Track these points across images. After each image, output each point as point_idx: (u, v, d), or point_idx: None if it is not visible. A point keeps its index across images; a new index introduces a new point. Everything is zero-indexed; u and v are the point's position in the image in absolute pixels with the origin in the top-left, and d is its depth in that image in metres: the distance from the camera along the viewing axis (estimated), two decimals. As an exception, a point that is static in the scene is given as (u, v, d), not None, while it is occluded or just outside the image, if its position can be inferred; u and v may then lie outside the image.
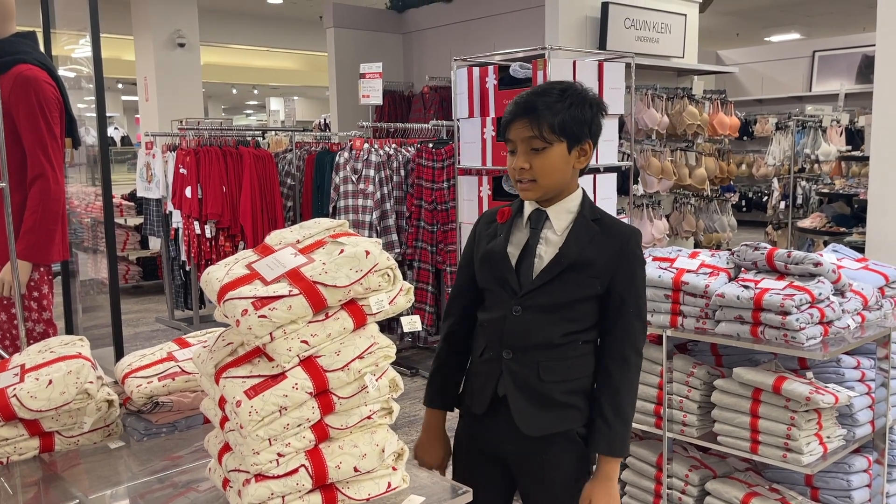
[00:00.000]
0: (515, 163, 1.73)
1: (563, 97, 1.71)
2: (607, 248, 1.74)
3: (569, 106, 1.70)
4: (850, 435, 2.57)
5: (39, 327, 2.86)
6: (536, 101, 1.70)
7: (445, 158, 4.99)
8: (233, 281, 1.39)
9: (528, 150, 1.71)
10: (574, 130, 1.72)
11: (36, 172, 2.74)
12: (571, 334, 1.75)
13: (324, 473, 1.37)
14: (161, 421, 1.77)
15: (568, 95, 1.71)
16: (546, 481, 1.79)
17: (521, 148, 1.73)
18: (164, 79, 8.81)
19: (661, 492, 2.83)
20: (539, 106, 1.69)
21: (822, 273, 2.51)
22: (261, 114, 21.30)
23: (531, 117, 1.70)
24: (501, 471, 1.84)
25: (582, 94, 1.74)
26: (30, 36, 2.90)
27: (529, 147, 1.71)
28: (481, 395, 1.81)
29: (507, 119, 1.74)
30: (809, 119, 8.80)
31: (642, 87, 5.40)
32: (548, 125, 1.69)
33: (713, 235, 6.15)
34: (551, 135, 1.69)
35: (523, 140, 1.71)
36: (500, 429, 1.79)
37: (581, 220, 1.77)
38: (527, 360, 1.75)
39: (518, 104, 1.73)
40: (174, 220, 6.00)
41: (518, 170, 1.73)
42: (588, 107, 1.73)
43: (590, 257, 1.72)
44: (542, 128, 1.69)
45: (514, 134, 1.73)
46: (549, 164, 1.72)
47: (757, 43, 13.60)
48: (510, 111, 1.74)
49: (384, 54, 8.08)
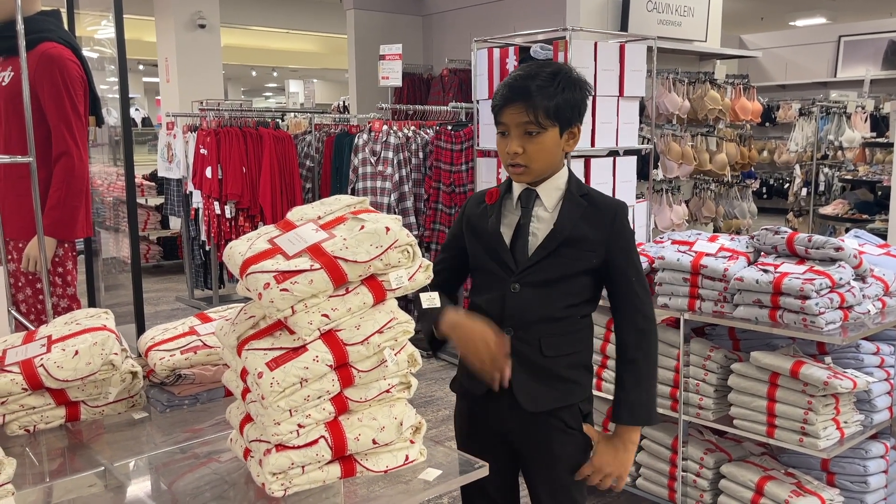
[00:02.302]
0: (509, 147, 1.73)
1: (554, 80, 1.70)
2: (598, 222, 1.76)
3: (561, 90, 1.70)
4: (867, 420, 2.56)
5: (64, 302, 2.91)
6: (530, 85, 1.69)
7: (464, 141, 4.99)
8: (255, 255, 1.41)
9: (522, 135, 1.72)
10: (567, 115, 1.72)
11: (60, 150, 2.77)
12: (571, 307, 1.79)
13: (343, 445, 1.39)
14: (183, 393, 1.81)
15: (560, 79, 1.71)
16: (548, 457, 1.82)
17: (514, 132, 1.72)
18: (185, 60, 8.84)
19: (675, 474, 2.84)
20: (533, 90, 1.68)
21: (844, 258, 2.49)
22: (280, 96, 21.35)
23: (526, 102, 1.69)
24: (505, 449, 1.86)
25: (571, 76, 1.74)
26: (54, 14, 2.93)
27: (523, 131, 1.71)
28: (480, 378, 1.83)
29: (500, 103, 1.73)
30: (834, 105, 8.68)
31: (664, 70, 5.35)
32: (543, 110, 1.69)
33: (733, 222, 6.10)
34: (546, 120, 1.70)
35: (518, 125, 1.71)
36: (501, 407, 1.81)
37: (570, 196, 1.79)
38: (529, 337, 1.77)
39: (512, 88, 1.72)
40: (194, 200, 6.05)
41: (511, 154, 1.73)
42: (578, 89, 1.74)
43: (583, 231, 1.75)
44: (537, 113, 1.69)
45: (507, 118, 1.73)
46: (543, 149, 1.72)
47: (781, 27, 13.40)
48: (503, 95, 1.73)
49: (404, 36, 8.05)
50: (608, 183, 4.07)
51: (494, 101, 1.76)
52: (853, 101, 8.75)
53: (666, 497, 2.90)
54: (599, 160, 4.04)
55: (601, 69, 3.97)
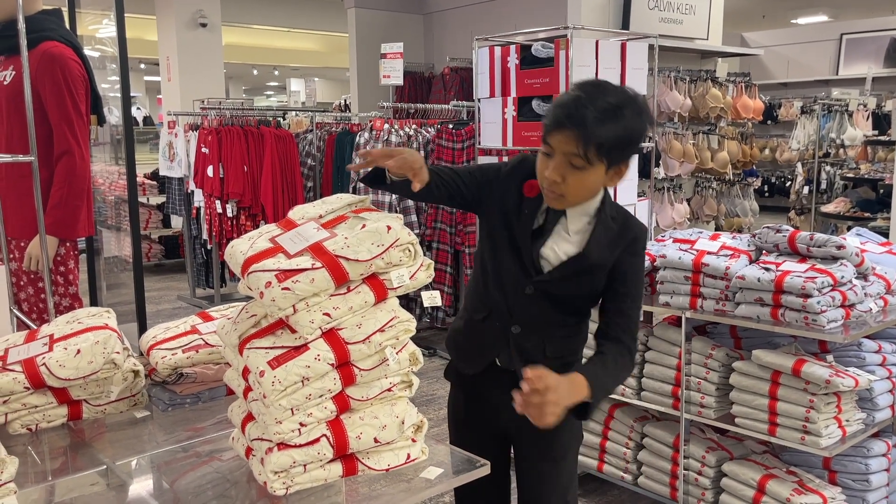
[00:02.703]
0: (549, 173, 1.60)
1: (615, 114, 1.55)
2: (620, 245, 1.71)
3: (622, 126, 1.56)
4: (869, 419, 2.56)
5: (66, 301, 2.91)
6: (587, 114, 1.53)
7: (466, 139, 4.98)
8: (257, 254, 1.41)
9: (566, 164, 1.59)
10: (619, 155, 1.60)
11: (62, 149, 2.77)
12: (580, 314, 1.81)
13: (345, 443, 1.39)
14: (185, 392, 1.81)
15: (624, 113, 1.56)
16: (541, 444, 1.84)
17: (558, 159, 1.59)
18: (186, 59, 8.84)
19: (677, 472, 2.84)
20: (589, 121, 1.53)
21: (845, 256, 2.49)
22: (281, 95, 21.34)
23: (579, 132, 1.54)
24: (497, 435, 1.89)
25: (636, 109, 1.58)
26: (55, 13, 2.92)
27: (568, 161, 1.58)
28: (479, 359, 1.85)
29: (551, 125, 1.59)
30: (835, 103, 8.66)
31: (665, 68, 5.34)
32: (595, 146, 1.55)
33: (734, 220, 6.09)
34: (595, 156, 1.56)
35: (564, 153, 1.58)
36: (497, 398, 1.81)
37: (602, 219, 1.70)
38: (535, 337, 1.77)
39: (567, 112, 1.56)
40: (196, 199, 6.05)
41: (550, 181, 1.62)
42: (639, 127, 1.60)
43: (606, 260, 1.70)
44: (587, 148, 1.55)
45: (555, 142, 1.59)
46: (584, 184, 1.62)
47: (783, 25, 13.37)
48: (556, 116, 1.58)
49: (405, 35, 8.04)
50: (610, 181, 4.07)
51: (546, 119, 1.61)
52: (855, 99, 8.73)
53: (668, 495, 2.90)
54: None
55: (602, 67, 3.96)
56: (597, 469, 3.13)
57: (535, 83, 3.99)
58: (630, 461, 3.03)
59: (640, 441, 3.01)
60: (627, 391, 2.94)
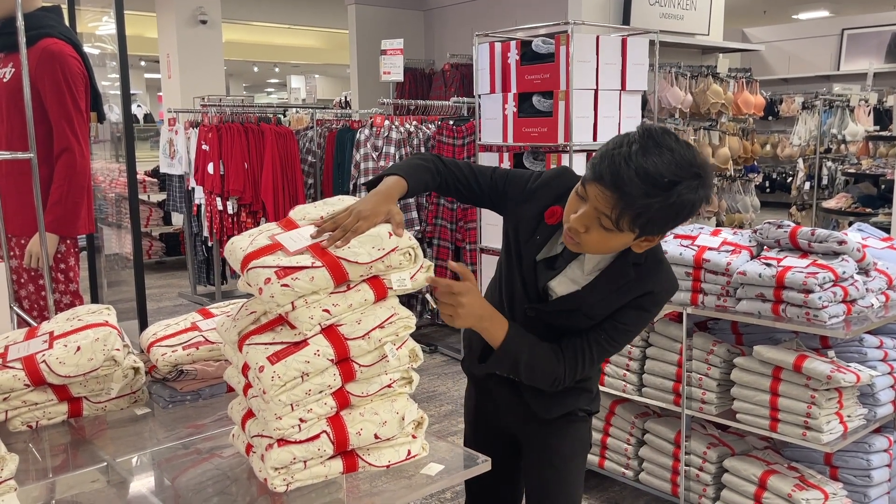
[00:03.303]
0: (575, 220, 1.47)
1: (668, 191, 1.37)
2: (628, 296, 1.58)
3: (669, 205, 1.38)
4: (871, 414, 2.56)
5: (66, 299, 2.91)
6: (633, 183, 1.36)
7: (466, 135, 4.98)
8: (256, 250, 1.41)
9: (595, 219, 1.44)
10: (654, 229, 1.45)
11: (62, 146, 2.77)
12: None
13: (345, 439, 1.39)
14: (185, 389, 1.81)
15: (677, 190, 1.37)
16: (548, 451, 1.82)
17: (588, 211, 1.44)
18: (187, 56, 8.83)
19: (678, 468, 2.84)
20: (636, 193, 1.37)
21: (847, 251, 2.49)
22: (282, 92, 21.32)
23: (618, 198, 1.38)
24: (507, 439, 1.88)
25: (694, 188, 1.39)
26: (54, 10, 2.92)
27: (597, 217, 1.43)
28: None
29: (592, 177, 1.42)
30: (837, 98, 8.64)
31: (666, 64, 5.33)
32: (630, 218, 1.40)
33: (735, 216, 6.08)
34: (627, 226, 1.42)
35: (596, 208, 1.43)
36: (502, 399, 1.81)
37: (620, 263, 1.57)
38: None
39: (613, 170, 1.39)
40: (196, 196, 6.05)
41: (573, 228, 1.48)
42: (686, 211, 1.42)
43: (604, 308, 1.59)
44: (620, 218, 1.40)
45: (591, 193, 1.43)
46: (606, 244, 1.48)
47: (784, 21, 13.34)
48: (600, 169, 1.41)
49: (405, 31, 8.03)
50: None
51: (592, 165, 1.44)
52: (856, 95, 8.72)
53: (669, 491, 2.90)
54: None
55: (603, 63, 3.96)
56: (598, 465, 3.13)
57: (536, 79, 3.99)
58: (631, 457, 3.03)
59: (642, 437, 3.01)
60: (629, 387, 2.94)
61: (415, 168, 1.64)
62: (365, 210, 1.45)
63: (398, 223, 1.46)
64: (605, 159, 1.41)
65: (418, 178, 1.63)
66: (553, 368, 1.61)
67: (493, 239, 4.37)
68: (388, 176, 1.59)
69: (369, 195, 1.53)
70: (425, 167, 1.67)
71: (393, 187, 1.56)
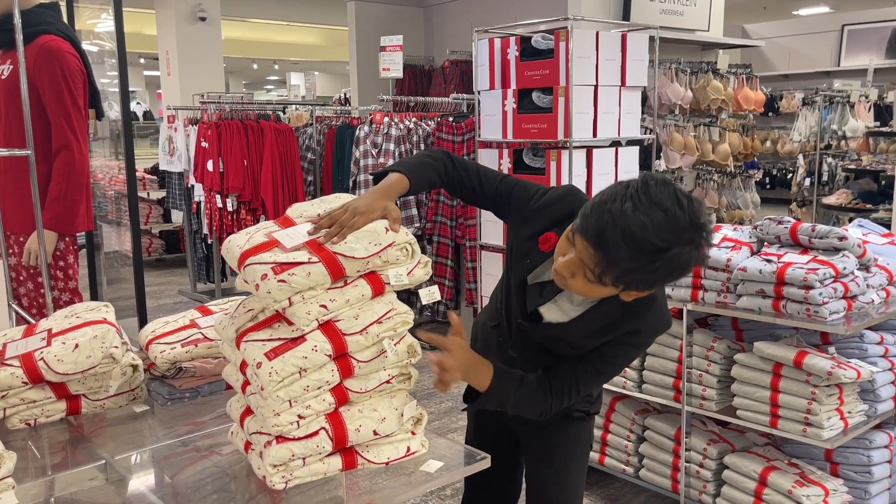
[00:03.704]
0: (560, 266, 1.43)
1: (657, 256, 1.30)
2: (614, 333, 1.56)
3: (654, 272, 1.33)
4: (871, 410, 2.55)
5: (66, 296, 2.91)
6: (619, 248, 1.30)
7: (466, 132, 4.97)
8: (253, 247, 1.41)
9: (579, 268, 1.39)
10: (640, 287, 1.40)
11: (60, 143, 2.76)
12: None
13: (344, 436, 1.38)
14: (184, 386, 1.80)
15: (667, 256, 1.30)
16: (543, 453, 1.82)
17: (574, 259, 1.39)
18: (186, 53, 8.82)
19: (679, 465, 2.83)
20: (617, 254, 1.31)
21: (847, 247, 2.48)
22: (281, 89, 21.31)
23: (601, 257, 1.33)
24: (511, 440, 1.88)
25: (686, 253, 1.31)
26: (53, 6, 2.91)
27: (581, 268, 1.38)
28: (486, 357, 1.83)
29: (579, 228, 1.37)
30: (837, 94, 8.63)
31: (666, 60, 5.31)
32: (612, 277, 1.35)
33: (736, 212, 6.07)
34: (610, 282, 1.37)
35: (582, 259, 1.37)
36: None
37: (609, 300, 1.51)
38: (531, 365, 1.69)
39: (599, 229, 1.31)
40: (196, 193, 6.04)
41: (559, 273, 1.45)
42: (678, 275, 1.37)
43: (591, 342, 1.59)
44: (604, 275, 1.35)
45: (577, 245, 1.37)
46: (591, 291, 1.44)
47: (785, 16, 13.31)
48: (587, 225, 1.34)
49: (405, 28, 8.02)
50: (610, 174, 4.06)
51: (583, 215, 1.37)
52: (857, 91, 8.70)
53: (669, 488, 2.90)
54: (601, 150, 4.03)
55: (603, 59, 3.95)
56: (598, 462, 3.13)
57: (535, 75, 3.98)
58: (631, 454, 3.02)
59: (642, 434, 3.00)
60: (629, 384, 2.93)
61: (420, 166, 1.64)
62: (361, 206, 1.45)
63: (395, 219, 1.46)
64: (594, 213, 1.34)
65: (422, 177, 1.62)
66: (540, 403, 1.61)
67: (492, 236, 4.36)
68: (392, 172, 1.59)
69: (367, 192, 1.53)
70: (432, 166, 1.66)
71: (393, 185, 1.56)
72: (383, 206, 1.48)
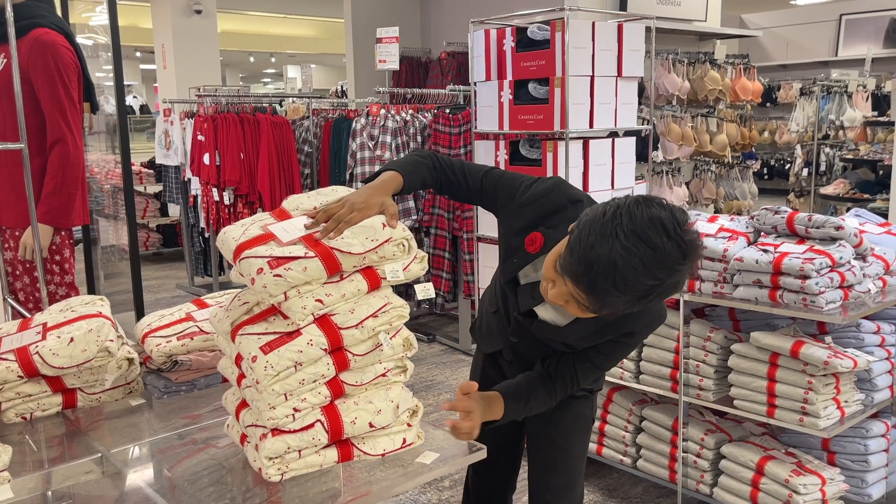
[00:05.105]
0: (552, 296, 1.43)
1: (649, 293, 1.33)
2: (608, 334, 1.61)
3: (647, 302, 1.36)
4: (868, 399, 2.56)
5: (62, 290, 2.90)
6: (610, 296, 1.32)
7: (462, 124, 4.95)
8: (249, 240, 1.40)
9: (571, 297, 1.39)
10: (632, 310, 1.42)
11: (55, 137, 2.75)
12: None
13: (339, 428, 1.38)
14: (180, 379, 1.80)
15: (659, 289, 1.33)
16: (549, 430, 1.86)
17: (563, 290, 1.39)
18: (182, 46, 8.78)
19: (676, 455, 2.84)
20: (610, 301, 1.33)
21: (844, 237, 2.48)
22: (278, 82, 21.25)
23: (594, 300, 1.35)
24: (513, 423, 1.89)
25: (673, 284, 1.33)
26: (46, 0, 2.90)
27: (574, 299, 1.39)
28: (488, 344, 1.92)
29: (570, 274, 1.34)
30: (835, 84, 8.61)
31: (663, 51, 5.30)
32: (608, 312, 1.40)
33: (734, 203, 6.07)
34: (604, 313, 1.41)
35: (571, 293, 1.38)
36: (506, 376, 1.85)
37: None
38: (530, 351, 1.78)
39: (592, 279, 1.31)
40: (193, 187, 6.03)
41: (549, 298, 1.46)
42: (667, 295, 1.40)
43: (585, 343, 1.64)
44: (599, 311, 1.39)
45: (569, 287, 1.37)
46: (584, 315, 1.45)
47: (782, 6, 13.27)
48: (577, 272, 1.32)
49: (401, 19, 7.98)
50: (607, 164, 4.05)
51: (570, 262, 1.34)
52: (854, 80, 8.68)
53: (666, 478, 2.90)
54: (598, 141, 4.02)
55: (599, 49, 3.93)
56: (596, 452, 3.14)
57: (532, 66, 3.96)
58: (629, 444, 3.03)
59: (639, 424, 3.01)
60: (626, 374, 2.93)
61: (413, 165, 1.66)
62: (359, 201, 1.45)
63: (392, 214, 1.46)
64: (583, 261, 1.31)
65: (415, 175, 1.65)
66: (547, 402, 1.72)
67: (489, 228, 4.35)
68: (386, 171, 1.60)
69: (364, 187, 1.54)
70: (424, 164, 1.69)
71: (388, 181, 1.58)
72: (380, 201, 1.48)
